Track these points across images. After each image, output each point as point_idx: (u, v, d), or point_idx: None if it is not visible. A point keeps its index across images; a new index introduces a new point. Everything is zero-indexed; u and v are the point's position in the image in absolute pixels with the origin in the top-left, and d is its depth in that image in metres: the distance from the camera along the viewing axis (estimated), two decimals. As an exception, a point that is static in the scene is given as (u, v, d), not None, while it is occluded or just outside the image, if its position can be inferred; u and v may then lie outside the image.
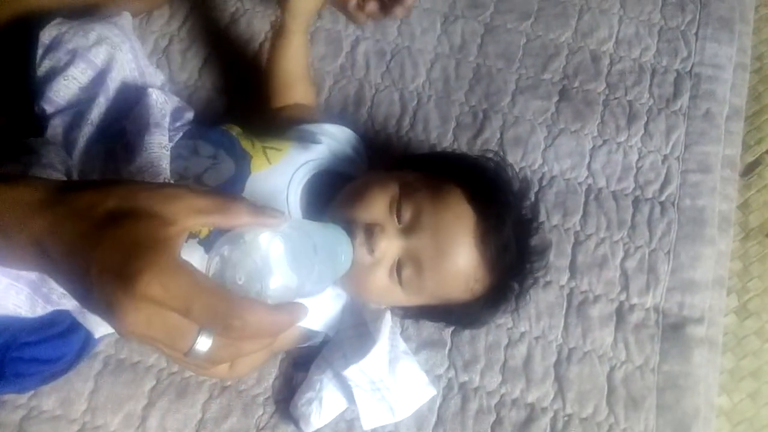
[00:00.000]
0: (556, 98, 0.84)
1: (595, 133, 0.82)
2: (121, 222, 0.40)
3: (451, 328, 0.70)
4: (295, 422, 0.65)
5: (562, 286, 0.73)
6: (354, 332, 0.65)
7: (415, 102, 0.83)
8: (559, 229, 0.76)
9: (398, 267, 0.62)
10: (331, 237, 0.54)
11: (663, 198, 0.78)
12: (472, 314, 0.67)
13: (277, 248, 0.45)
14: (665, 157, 0.81)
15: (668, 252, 0.75)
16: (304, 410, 0.64)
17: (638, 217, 0.77)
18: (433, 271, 0.61)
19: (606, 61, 0.87)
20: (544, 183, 0.79)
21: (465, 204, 0.63)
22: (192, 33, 0.85)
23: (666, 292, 0.73)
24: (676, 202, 0.78)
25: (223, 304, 0.39)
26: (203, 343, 0.40)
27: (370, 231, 0.60)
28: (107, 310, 0.39)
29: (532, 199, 0.76)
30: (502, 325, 0.71)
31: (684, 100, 0.84)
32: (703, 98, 0.84)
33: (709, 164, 0.80)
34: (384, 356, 0.62)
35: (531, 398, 0.68)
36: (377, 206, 0.62)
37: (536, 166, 0.80)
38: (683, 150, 0.81)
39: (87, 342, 0.67)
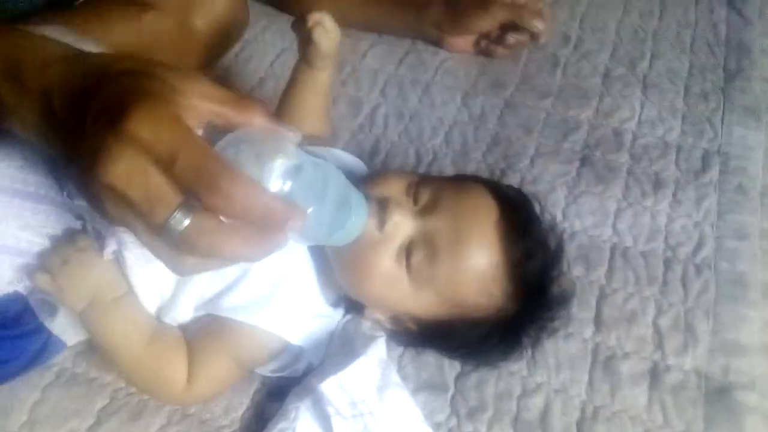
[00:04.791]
0: (577, 164, 0.81)
1: (620, 197, 0.77)
2: (130, 76, 0.39)
3: (455, 372, 0.61)
4: (261, 457, 0.54)
5: (585, 340, 0.64)
6: (342, 358, 0.56)
7: (431, 157, 0.82)
8: (582, 281, 0.69)
9: (408, 250, 0.55)
10: (345, 189, 0.48)
11: (698, 261, 0.71)
12: (482, 339, 0.58)
13: (287, 160, 0.41)
14: (697, 224, 0.75)
15: (707, 312, 0.66)
16: (273, 442, 0.54)
17: (670, 275, 0.69)
18: (447, 258, 0.54)
19: (629, 137, 0.85)
20: (566, 237, 0.73)
21: (490, 198, 0.58)
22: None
23: (708, 354, 0.63)
24: (712, 265, 0.70)
25: (213, 164, 0.36)
26: (180, 219, 0.36)
27: (384, 204, 0.55)
28: (92, 157, 0.36)
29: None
30: (515, 372, 0.61)
31: (713, 174, 0.80)
32: (733, 173, 0.80)
33: (747, 233, 0.74)
34: (370, 372, 0.53)
35: (548, 458, 0.56)
36: (394, 185, 0.57)
37: (556, 221, 0.74)
38: (716, 218, 0.75)
39: (45, 349, 0.60)
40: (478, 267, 0.55)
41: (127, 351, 0.56)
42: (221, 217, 0.38)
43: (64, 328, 0.59)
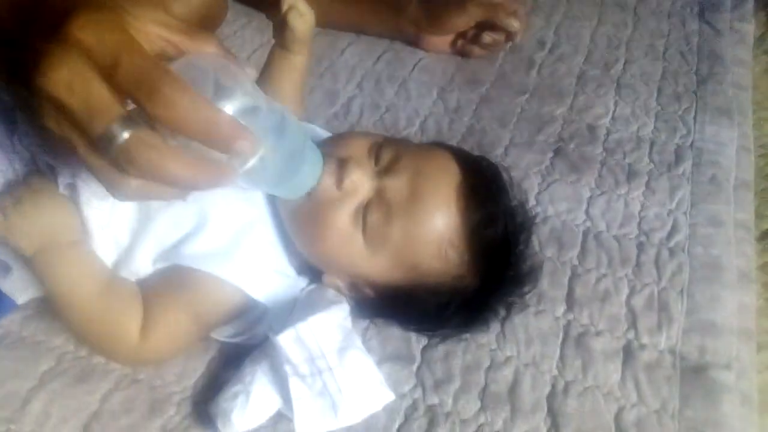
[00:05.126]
0: (551, 155, 0.81)
1: (593, 185, 0.77)
2: None
3: (422, 345, 0.58)
4: (213, 422, 0.51)
5: (557, 317, 0.62)
6: (301, 314, 0.54)
7: (405, 143, 0.81)
8: (554, 262, 0.67)
9: (365, 209, 0.53)
10: (302, 139, 0.47)
11: (671, 245, 0.70)
12: (440, 308, 0.55)
13: (246, 98, 0.40)
14: (671, 211, 0.74)
15: (681, 291, 0.64)
16: (226, 406, 0.50)
17: (643, 257, 0.68)
18: (402, 216, 0.53)
19: (602, 132, 0.85)
20: (538, 221, 0.71)
21: (453, 161, 0.57)
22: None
23: (682, 334, 0.61)
24: (686, 249, 0.69)
25: (156, 70, 0.35)
26: (120, 131, 0.35)
27: (343, 162, 0.53)
28: (34, 65, 0.35)
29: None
30: (484, 345, 0.59)
31: (687, 167, 0.80)
32: (706, 165, 0.80)
33: (721, 220, 0.73)
34: (331, 328, 0.51)
35: (517, 431, 0.53)
36: (355, 145, 0.56)
37: (529, 206, 0.73)
38: (690, 207, 0.75)
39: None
40: (433, 227, 0.53)
41: (78, 299, 0.53)
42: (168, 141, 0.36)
43: (15, 288, 0.57)
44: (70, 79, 0.35)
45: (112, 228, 0.55)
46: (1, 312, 0.57)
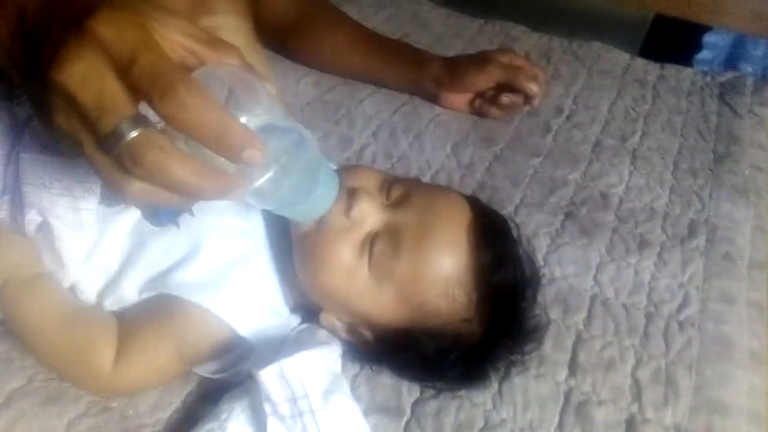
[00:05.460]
0: (561, 217, 0.79)
1: (603, 251, 0.75)
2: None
3: (413, 398, 0.55)
4: (182, 458, 0.48)
5: (558, 383, 0.59)
6: (288, 351, 0.51)
7: (414, 193, 0.80)
8: (559, 325, 0.64)
9: (372, 242, 0.52)
10: (318, 161, 0.46)
11: (681, 318, 0.67)
12: (441, 355, 0.53)
13: (264, 115, 0.39)
14: (681, 284, 0.71)
15: (690, 367, 0.61)
16: (199, 442, 0.47)
17: (652, 328, 0.65)
18: (410, 251, 0.51)
19: (615, 200, 0.84)
20: (545, 281, 0.69)
21: (465, 203, 0.55)
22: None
23: (689, 412, 0.58)
24: (696, 324, 0.66)
25: (172, 70, 0.34)
26: (128, 129, 0.34)
27: (353, 191, 0.52)
28: (51, 58, 0.35)
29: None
30: (478, 404, 0.56)
31: (700, 241, 0.78)
32: (720, 242, 0.78)
33: (733, 298, 0.70)
34: (317, 369, 0.48)
35: (507, 500, 0.49)
36: (367, 177, 0.55)
37: (537, 265, 0.71)
38: (702, 281, 0.72)
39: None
40: (441, 265, 0.51)
41: (44, 332, 0.51)
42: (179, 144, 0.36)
43: None
44: (85, 74, 0.34)
45: (101, 254, 0.54)
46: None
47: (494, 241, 0.53)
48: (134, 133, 0.34)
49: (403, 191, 0.54)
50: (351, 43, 1.00)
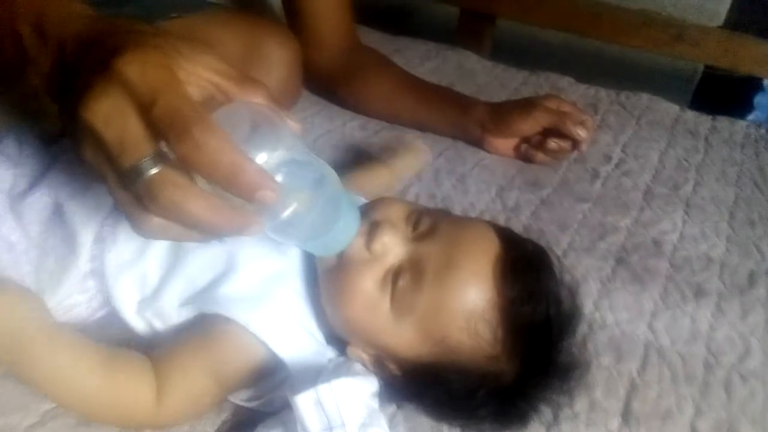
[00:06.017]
0: (612, 263, 0.76)
1: (657, 298, 0.71)
2: (141, 33, 0.39)
3: (454, 437, 0.52)
4: (212, 487, 0.46)
5: (610, 431, 0.55)
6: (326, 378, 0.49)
7: (458, 234, 0.78)
8: (611, 371, 0.61)
9: (396, 274, 0.50)
10: (339, 196, 0.45)
11: (743, 370, 0.62)
12: (470, 393, 0.50)
13: (284, 151, 0.40)
14: (742, 335, 0.67)
15: (754, 421, 0.57)
16: (231, 471, 0.46)
17: (711, 378, 0.61)
18: (432, 283, 0.49)
19: (669, 247, 0.80)
20: (595, 327, 0.66)
21: (494, 235, 0.53)
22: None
23: (756, 469, 0.53)
24: (760, 377, 0.62)
25: (189, 110, 0.36)
26: (148, 166, 0.36)
27: (376, 224, 0.51)
28: (82, 93, 0.37)
29: (579, 335, 0.62)
30: (524, 449, 0.52)
31: (761, 292, 0.74)
32: (784, 293, 0.74)
33: (802, 352, 0.66)
34: (356, 397, 0.46)
35: None
36: (393, 210, 0.54)
37: (586, 311, 0.68)
38: (764, 333, 0.68)
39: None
40: (462, 298, 0.49)
41: (77, 385, 0.48)
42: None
43: None
44: (109, 112, 0.36)
45: (142, 266, 0.54)
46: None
47: (524, 274, 0.51)
48: (153, 171, 0.36)
49: (431, 223, 0.53)
50: (397, 88, 1.02)
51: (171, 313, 0.53)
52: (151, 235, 0.38)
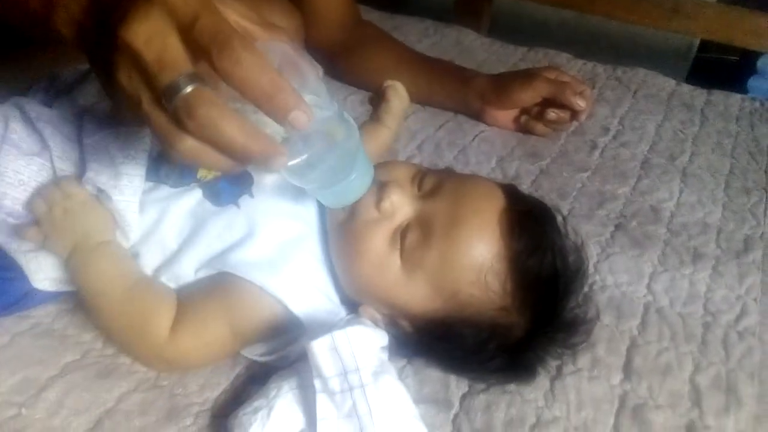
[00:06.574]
0: (611, 229, 0.78)
1: (656, 262, 0.73)
2: None
3: (462, 391, 0.54)
4: (229, 435, 0.47)
5: (613, 385, 0.57)
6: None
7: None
8: (612, 329, 0.62)
9: (404, 232, 0.52)
10: (356, 148, 0.46)
11: (740, 328, 0.64)
12: (481, 345, 0.51)
13: (309, 94, 0.41)
14: (739, 296, 0.69)
15: (752, 375, 0.58)
16: (245, 419, 0.47)
17: (710, 336, 0.63)
18: (441, 239, 0.50)
19: (666, 214, 0.82)
20: (596, 288, 0.68)
21: (498, 190, 0.55)
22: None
23: (753, 419, 0.55)
24: (757, 334, 0.64)
25: (230, 29, 0.37)
26: (185, 83, 0.36)
27: (384, 184, 0.52)
28: (119, 19, 0.37)
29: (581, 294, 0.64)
30: (530, 401, 0.54)
31: (756, 256, 0.75)
32: (779, 258, 0.76)
33: (796, 312, 0.67)
34: (370, 344, 0.47)
35: (562, 496, 0.47)
36: (399, 170, 0.56)
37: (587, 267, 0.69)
38: (761, 294, 0.70)
39: (24, 297, 0.56)
40: (471, 252, 0.51)
41: (109, 295, 0.52)
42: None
43: (33, 266, 0.55)
44: (151, 32, 0.37)
45: (161, 232, 0.55)
46: (30, 301, 0.56)
47: (530, 228, 0.52)
48: (190, 88, 0.36)
49: (436, 182, 0.55)
50: (397, 62, 1.02)
51: (188, 278, 0.54)
52: (184, 158, 0.39)
